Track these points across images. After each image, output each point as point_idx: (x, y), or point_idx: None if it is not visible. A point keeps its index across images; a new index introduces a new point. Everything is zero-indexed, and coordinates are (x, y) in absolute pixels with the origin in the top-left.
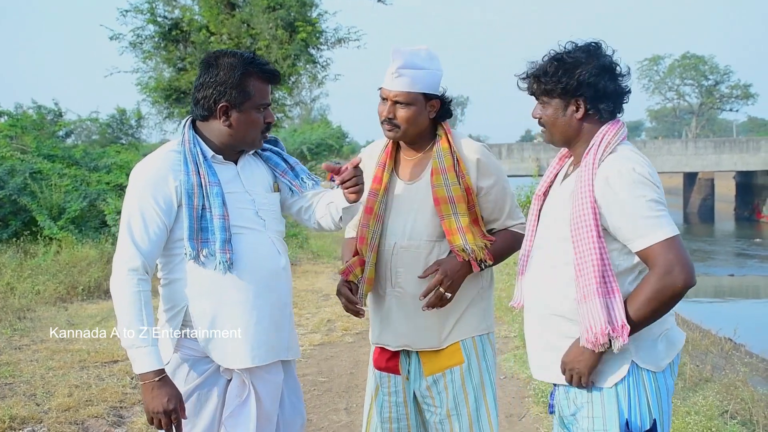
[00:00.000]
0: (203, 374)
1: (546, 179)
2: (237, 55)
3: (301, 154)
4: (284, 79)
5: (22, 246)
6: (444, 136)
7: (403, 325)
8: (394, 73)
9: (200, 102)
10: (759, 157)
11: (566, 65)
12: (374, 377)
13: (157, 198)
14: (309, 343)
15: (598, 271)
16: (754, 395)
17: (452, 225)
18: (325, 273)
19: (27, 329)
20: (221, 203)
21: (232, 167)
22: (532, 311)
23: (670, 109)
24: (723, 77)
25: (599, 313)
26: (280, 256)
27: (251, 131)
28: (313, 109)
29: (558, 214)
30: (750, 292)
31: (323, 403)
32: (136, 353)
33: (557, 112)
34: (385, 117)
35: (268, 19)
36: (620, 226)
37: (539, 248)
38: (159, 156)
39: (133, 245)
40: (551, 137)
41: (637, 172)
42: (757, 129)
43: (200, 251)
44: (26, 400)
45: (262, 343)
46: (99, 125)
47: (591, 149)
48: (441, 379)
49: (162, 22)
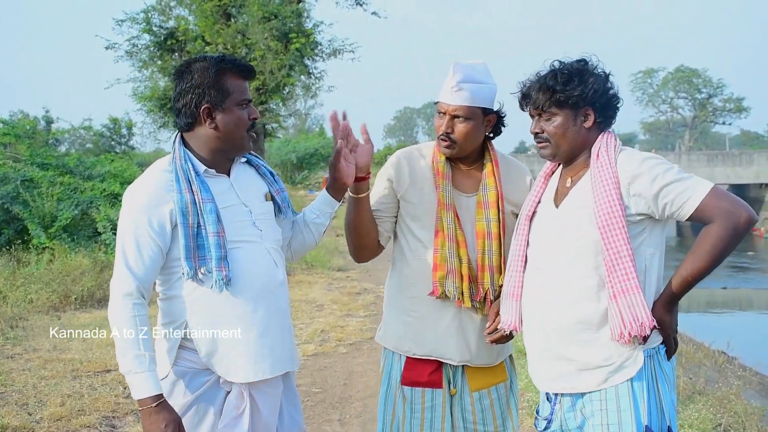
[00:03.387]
0: (202, 386)
1: (532, 201)
2: (207, 58)
3: (293, 163)
4: (279, 90)
5: (15, 254)
6: (491, 162)
7: (472, 341)
8: (454, 87)
9: (182, 111)
10: (752, 170)
11: (579, 74)
12: (400, 394)
13: (151, 221)
14: (303, 353)
15: (633, 264)
16: (748, 409)
17: (485, 262)
18: (319, 283)
19: (19, 338)
20: (215, 220)
21: (225, 180)
22: (536, 327)
23: (663, 122)
24: (716, 90)
25: (642, 306)
26: (277, 268)
27: (237, 130)
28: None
29: (569, 234)
30: (743, 305)
31: (317, 414)
32: (134, 379)
33: (567, 122)
34: (443, 132)
35: (263, 29)
36: (665, 201)
37: (538, 270)
38: (151, 177)
39: (127, 270)
40: (556, 150)
41: (656, 156)
42: (749, 142)
43: (198, 269)
44: (18, 409)
45: (265, 357)
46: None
47: (599, 152)
48: (486, 396)
49: (157, 31)
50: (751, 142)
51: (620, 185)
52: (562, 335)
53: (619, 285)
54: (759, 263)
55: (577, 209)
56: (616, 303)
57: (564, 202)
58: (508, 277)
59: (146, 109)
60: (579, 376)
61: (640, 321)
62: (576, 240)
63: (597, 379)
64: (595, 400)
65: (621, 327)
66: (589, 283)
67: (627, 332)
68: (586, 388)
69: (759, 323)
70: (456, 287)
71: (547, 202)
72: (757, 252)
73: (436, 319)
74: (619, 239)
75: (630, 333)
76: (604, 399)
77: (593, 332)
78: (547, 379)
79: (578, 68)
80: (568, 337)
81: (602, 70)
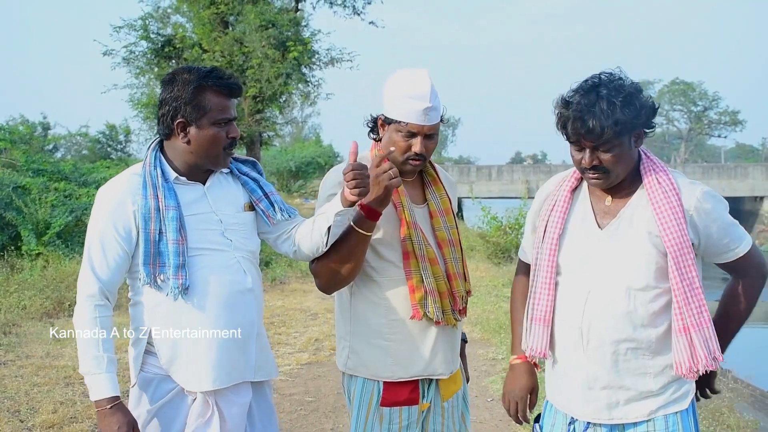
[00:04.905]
0: (169, 393)
1: (558, 220)
2: (194, 70)
3: (290, 172)
4: (276, 98)
5: (9, 261)
6: (433, 169)
7: (454, 352)
8: (428, 108)
9: (161, 120)
10: (747, 183)
11: (634, 96)
12: (376, 416)
13: (117, 224)
14: (296, 362)
15: (704, 296)
16: (740, 422)
17: (453, 270)
18: (313, 292)
19: (12, 344)
20: (176, 228)
21: (198, 188)
22: (587, 355)
23: (659, 134)
24: (712, 103)
25: (714, 341)
26: (245, 275)
27: (211, 147)
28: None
29: (628, 258)
30: None
31: (309, 423)
32: (91, 380)
33: (624, 149)
34: (418, 152)
35: (261, 37)
36: (720, 241)
37: (587, 295)
38: (120, 180)
39: (91, 272)
40: (614, 178)
41: (713, 191)
42: (744, 155)
43: (157, 276)
44: (10, 416)
45: (224, 365)
46: (89, 140)
47: (658, 176)
48: (450, 404)
49: (155, 38)
50: (746, 155)
51: (685, 212)
52: (620, 363)
53: (693, 318)
54: None
55: (635, 232)
56: (687, 336)
57: (612, 224)
58: (536, 301)
59: (143, 116)
60: (631, 405)
61: (713, 356)
62: (637, 265)
63: (648, 408)
64: (641, 426)
65: (690, 361)
66: (652, 310)
67: (701, 366)
68: (636, 418)
69: (752, 336)
70: (437, 307)
71: (582, 222)
72: None
73: (421, 339)
74: (691, 269)
75: (703, 367)
76: (653, 429)
77: (650, 359)
78: (593, 409)
79: (631, 91)
80: (625, 364)
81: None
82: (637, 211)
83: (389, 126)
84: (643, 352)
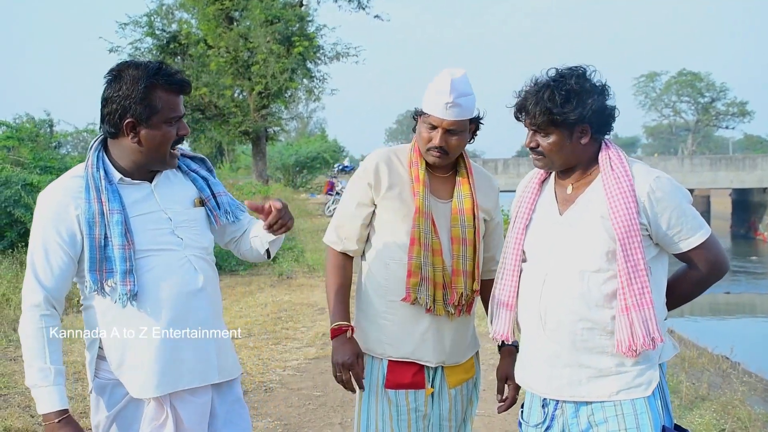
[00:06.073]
0: (124, 398)
1: (526, 209)
2: (142, 66)
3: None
4: (281, 93)
5: (18, 257)
6: (465, 170)
7: (447, 344)
8: (449, 104)
9: (106, 118)
10: (755, 174)
11: (577, 95)
12: (383, 398)
13: (60, 230)
14: (304, 356)
15: (649, 278)
16: (752, 415)
17: (459, 267)
18: (320, 287)
19: None
20: (121, 232)
21: (145, 186)
22: (545, 335)
23: (666, 126)
24: (719, 94)
25: (654, 322)
26: (196, 274)
27: (162, 146)
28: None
29: (581, 242)
30: (746, 310)
31: (318, 417)
32: (38, 393)
33: (562, 140)
34: (437, 145)
35: (266, 33)
36: (671, 230)
37: (545, 278)
38: (61, 184)
39: (35, 280)
40: (550, 163)
41: (672, 180)
42: (753, 146)
43: (104, 282)
44: (21, 411)
45: (171, 370)
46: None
47: (612, 163)
48: (460, 392)
49: (160, 35)
50: (754, 146)
51: (637, 198)
52: (577, 342)
53: (634, 299)
54: (762, 268)
55: (590, 217)
56: (627, 316)
57: (570, 210)
58: (501, 286)
59: None
60: (594, 383)
61: (651, 336)
62: (590, 248)
63: (611, 387)
64: (609, 407)
65: (630, 340)
66: (605, 291)
67: (639, 345)
68: (599, 397)
69: (763, 328)
70: (429, 295)
71: (546, 210)
72: (761, 257)
73: (413, 324)
74: (637, 252)
75: (641, 346)
76: (621, 411)
77: (607, 339)
78: (556, 386)
79: (576, 89)
80: (583, 344)
81: (600, 83)
82: (593, 198)
83: (420, 117)
84: (599, 332)
